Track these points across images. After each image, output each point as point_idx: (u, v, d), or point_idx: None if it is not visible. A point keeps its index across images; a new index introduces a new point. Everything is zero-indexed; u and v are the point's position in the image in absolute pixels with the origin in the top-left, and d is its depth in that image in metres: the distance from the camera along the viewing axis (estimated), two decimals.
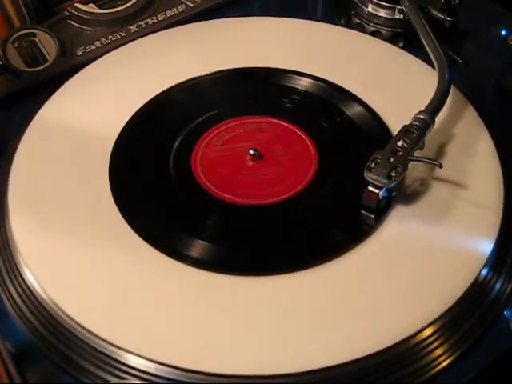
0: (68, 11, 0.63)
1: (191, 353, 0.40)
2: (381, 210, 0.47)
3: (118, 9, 0.64)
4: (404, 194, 0.48)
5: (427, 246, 0.45)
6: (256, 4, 0.69)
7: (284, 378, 0.39)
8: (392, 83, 0.57)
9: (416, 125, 0.48)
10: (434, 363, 0.41)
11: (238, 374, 0.39)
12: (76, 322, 0.42)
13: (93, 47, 0.62)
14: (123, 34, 0.64)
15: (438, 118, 0.50)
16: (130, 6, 0.65)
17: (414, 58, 0.59)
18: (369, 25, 0.63)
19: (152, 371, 0.40)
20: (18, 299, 0.44)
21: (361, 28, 0.64)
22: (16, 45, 0.60)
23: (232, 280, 0.44)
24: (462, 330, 0.42)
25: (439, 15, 0.61)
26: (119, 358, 0.40)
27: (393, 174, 0.45)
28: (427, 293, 0.43)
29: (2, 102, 0.57)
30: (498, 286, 0.44)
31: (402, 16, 0.62)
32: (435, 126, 0.49)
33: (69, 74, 0.58)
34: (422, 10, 0.60)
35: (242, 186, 0.50)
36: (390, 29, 0.62)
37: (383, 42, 0.62)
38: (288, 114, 0.55)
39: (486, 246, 0.45)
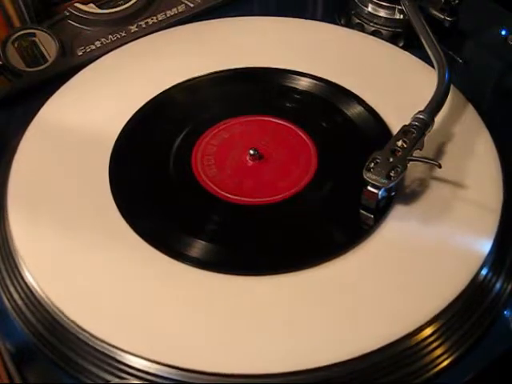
0: (68, 11, 0.64)
1: (191, 353, 0.40)
2: (380, 210, 0.47)
3: (118, 9, 0.64)
4: (403, 194, 0.48)
5: (426, 246, 0.45)
6: (256, 4, 0.69)
7: (284, 377, 0.39)
8: (392, 83, 0.57)
9: (415, 125, 0.48)
10: (434, 363, 0.41)
11: (238, 374, 0.39)
12: (76, 322, 0.42)
13: (93, 47, 0.62)
14: (123, 34, 0.64)
15: (438, 118, 0.50)
16: (129, 6, 0.65)
17: (414, 57, 0.59)
18: (369, 25, 0.63)
19: (152, 371, 0.40)
20: (17, 299, 0.44)
21: (361, 28, 0.64)
22: (16, 45, 0.60)
23: (232, 280, 0.44)
24: (461, 329, 0.42)
25: (439, 15, 0.61)
26: (119, 358, 0.40)
27: (392, 174, 0.45)
28: (427, 292, 0.43)
29: (2, 101, 0.57)
30: (497, 285, 0.44)
31: (401, 16, 0.62)
32: (435, 126, 0.49)
33: (69, 74, 0.58)
34: (422, 10, 0.60)
35: (242, 186, 0.50)
36: (390, 29, 0.62)
37: (383, 41, 0.62)
38: (288, 114, 0.55)
39: (486, 246, 0.45)
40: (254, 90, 0.58)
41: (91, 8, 0.64)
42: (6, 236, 0.47)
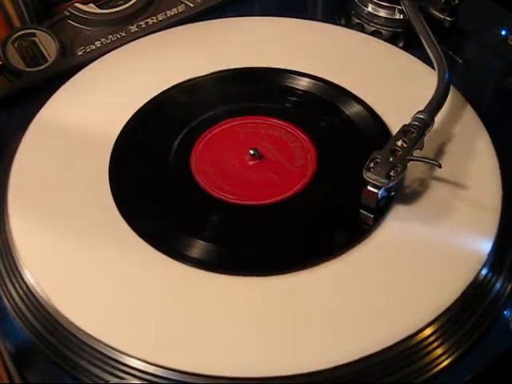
0: (68, 11, 0.64)
1: (191, 354, 0.40)
2: (380, 210, 0.47)
3: (118, 9, 0.64)
4: (403, 194, 0.48)
5: (426, 246, 0.45)
6: (256, 4, 0.69)
7: (284, 379, 0.39)
8: (392, 83, 0.57)
9: (415, 125, 0.48)
10: (434, 363, 0.41)
11: (238, 376, 0.39)
12: (75, 322, 0.42)
13: (93, 47, 0.62)
14: (123, 34, 0.64)
15: (438, 118, 0.50)
16: (129, 6, 0.65)
17: (414, 58, 0.59)
18: (369, 25, 0.63)
19: (151, 371, 0.40)
20: (17, 299, 0.44)
21: (361, 28, 0.64)
22: (16, 45, 0.60)
23: (232, 280, 0.44)
24: (461, 329, 0.42)
25: (439, 15, 0.61)
26: (119, 358, 0.40)
27: (392, 174, 0.45)
28: (427, 292, 0.43)
29: (2, 101, 0.57)
30: (497, 285, 0.44)
31: (401, 16, 0.62)
32: (435, 126, 0.49)
33: (69, 74, 0.58)
34: (422, 10, 0.60)
35: (242, 186, 0.50)
36: (390, 29, 0.62)
37: (383, 41, 0.62)
38: (288, 114, 0.55)
39: (486, 246, 0.45)
40: (254, 90, 0.58)
41: (91, 8, 0.64)
42: (6, 236, 0.47)
